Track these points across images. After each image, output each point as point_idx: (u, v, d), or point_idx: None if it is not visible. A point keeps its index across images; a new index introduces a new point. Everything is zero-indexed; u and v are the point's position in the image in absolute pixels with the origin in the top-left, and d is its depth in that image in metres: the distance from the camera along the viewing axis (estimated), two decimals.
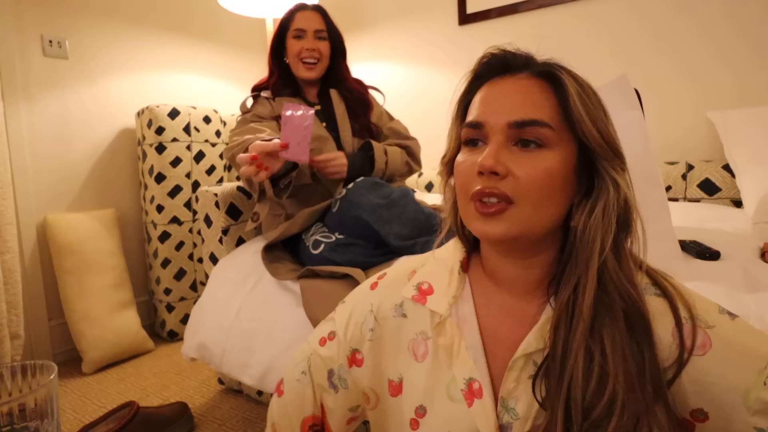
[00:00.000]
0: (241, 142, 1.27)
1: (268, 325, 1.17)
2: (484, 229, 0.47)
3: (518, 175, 0.46)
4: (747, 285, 0.81)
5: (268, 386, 1.15)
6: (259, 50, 2.70)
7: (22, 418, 0.60)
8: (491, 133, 0.48)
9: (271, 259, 1.25)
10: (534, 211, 0.46)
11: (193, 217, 2.03)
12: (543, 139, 0.46)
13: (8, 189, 1.60)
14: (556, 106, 0.48)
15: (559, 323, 0.46)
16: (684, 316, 0.45)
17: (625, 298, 0.45)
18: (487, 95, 0.50)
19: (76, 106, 1.89)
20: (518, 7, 2.06)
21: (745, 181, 1.38)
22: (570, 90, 0.47)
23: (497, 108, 0.48)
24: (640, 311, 0.45)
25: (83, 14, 1.90)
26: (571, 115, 0.47)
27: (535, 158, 0.46)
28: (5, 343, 1.54)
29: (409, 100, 2.36)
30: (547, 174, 0.46)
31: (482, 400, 0.50)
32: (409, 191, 1.21)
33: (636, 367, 0.43)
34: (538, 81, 0.49)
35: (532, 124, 0.46)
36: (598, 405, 0.42)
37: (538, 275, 0.51)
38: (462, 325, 0.54)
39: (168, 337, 2.01)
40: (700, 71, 1.74)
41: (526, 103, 0.47)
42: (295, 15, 1.36)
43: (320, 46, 1.36)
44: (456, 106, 0.55)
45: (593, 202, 0.47)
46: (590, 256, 0.46)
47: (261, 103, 1.41)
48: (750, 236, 1.11)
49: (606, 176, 0.47)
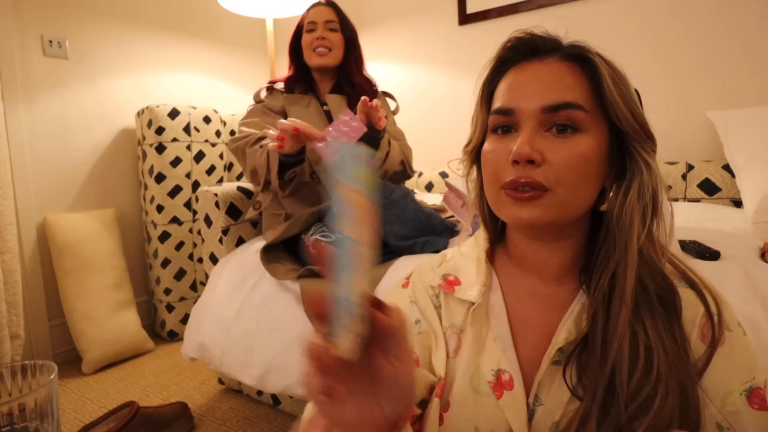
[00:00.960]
0: (246, 135, 1.30)
1: (268, 324, 1.17)
2: (518, 213, 0.46)
3: (553, 162, 0.45)
4: (747, 285, 0.81)
5: (268, 386, 1.15)
6: (259, 50, 2.70)
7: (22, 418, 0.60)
8: (523, 119, 0.46)
9: (270, 259, 1.25)
10: (569, 196, 0.46)
11: (193, 217, 2.03)
12: (577, 123, 0.45)
13: (8, 189, 1.60)
14: (588, 88, 0.47)
15: (597, 310, 0.45)
16: (713, 311, 0.46)
17: (659, 280, 0.45)
18: (515, 80, 0.49)
19: (76, 106, 1.89)
20: (518, 7, 2.06)
21: (745, 181, 1.38)
22: (603, 72, 0.46)
23: (528, 93, 0.47)
24: (673, 294, 0.45)
25: (83, 14, 1.90)
26: (605, 98, 0.46)
27: (569, 143, 0.45)
28: (5, 343, 1.54)
29: (408, 100, 2.35)
30: (582, 159, 0.45)
31: (513, 391, 0.48)
32: (409, 191, 1.21)
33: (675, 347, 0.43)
34: (568, 63, 0.48)
35: (566, 107, 0.45)
36: (646, 385, 0.42)
37: (567, 259, 0.51)
38: (490, 315, 0.52)
39: (168, 337, 2.01)
40: (700, 71, 1.74)
41: (558, 86, 0.46)
42: (309, 11, 1.42)
43: (330, 36, 1.39)
44: (480, 92, 0.53)
45: (627, 184, 0.47)
46: (628, 239, 0.45)
47: (274, 95, 1.44)
48: (750, 236, 1.11)
49: (639, 158, 0.47)
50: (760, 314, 0.76)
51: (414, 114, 2.29)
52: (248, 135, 1.32)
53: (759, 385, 0.44)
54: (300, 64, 1.46)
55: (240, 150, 1.31)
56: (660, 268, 0.46)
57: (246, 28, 2.59)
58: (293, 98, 1.42)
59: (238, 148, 1.32)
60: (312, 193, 1.36)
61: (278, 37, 2.74)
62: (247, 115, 1.42)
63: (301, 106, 1.40)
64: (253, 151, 1.27)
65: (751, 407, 0.43)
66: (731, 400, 0.44)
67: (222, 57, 2.48)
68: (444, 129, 2.29)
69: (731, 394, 0.44)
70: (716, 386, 0.44)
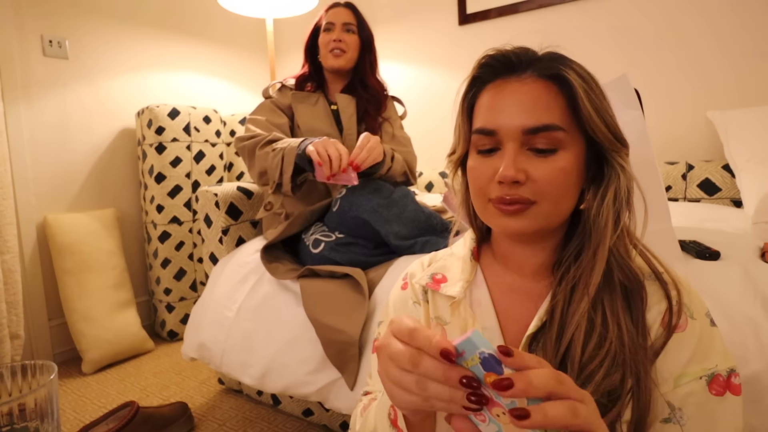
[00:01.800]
0: (254, 135, 1.31)
1: (268, 324, 1.17)
2: (506, 225, 0.50)
3: (537, 179, 0.48)
4: (747, 285, 0.81)
5: (268, 386, 1.15)
6: (259, 50, 2.70)
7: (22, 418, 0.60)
8: (505, 140, 0.49)
9: (270, 259, 1.25)
10: (553, 208, 0.49)
11: (193, 217, 2.03)
12: (556, 142, 0.48)
13: (8, 189, 1.60)
14: (564, 105, 0.49)
15: (559, 297, 0.50)
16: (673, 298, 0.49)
17: (626, 273, 0.49)
18: (495, 100, 0.50)
19: (76, 106, 1.89)
20: (518, 7, 2.06)
21: (745, 181, 1.38)
22: (578, 90, 0.48)
23: (508, 114, 0.49)
24: (638, 286, 0.49)
25: (83, 14, 1.90)
26: (581, 114, 0.48)
27: (550, 161, 0.48)
28: (5, 343, 1.54)
29: (408, 100, 2.34)
30: (563, 174, 0.48)
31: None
32: (409, 191, 1.21)
33: (628, 333, 0.46)
34: (544, 82, 0.49)
35: (546, 129, 0.48)
36: (595, 357, 0.46)
37: (546, 257, 0.54)
38: (476, 308, 0.56)
39: (168, 337, 2.01)
40: (700, 71, 1.74)
41: (537, 108, 0.48)
42: (329, 11, 1.42)
43: (347, 38, 1.39)
44: (461, 107, 0.55)
45: (605, 188, 0.50)
46: (602, 238, 0.49)
47: (283, 92, 1.44)
48: (750, 236, 1.11)
49: (614, 164, 0.50)
50: (760, 314, 0.76)
51: (414, 114, 2.28)
52: (255, 135, 1.31)
53: (720, 372, 0.47)
54: (314, 63, 1.46)
55: (248, 149, 1.31)
56: (628, 262, 0.50)
57: (246, 28, 2.59)
58: (301, 96, 1.42)
59: (245, 148, 1.31)
60: (311, 191, 1.36)
61: (278, 37, 2.74)
62: (255, 111, 1.42)
63: (309, 104, 1.41)
64: (265, 153, 1.27)
65: (710, 392, 0.46)
66: (683, 383, 0.46)
67: (222, 57, 2.48)
68: (444, 129, 2.29)
69: (684, 376, 0.47)
70: (670, 368, 0.47)
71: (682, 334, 0.48)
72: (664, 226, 0.85)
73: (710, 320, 0.50)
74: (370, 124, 1.42)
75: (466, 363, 0.35)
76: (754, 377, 0.72)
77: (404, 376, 0.36)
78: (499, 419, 0.35)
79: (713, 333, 0.49)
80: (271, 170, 1.24)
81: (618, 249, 0.50)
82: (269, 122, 1.37)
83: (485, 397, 0.35)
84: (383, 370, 0.38)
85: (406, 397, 0.37)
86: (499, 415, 0.35)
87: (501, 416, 0.35)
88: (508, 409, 0.34)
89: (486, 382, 0.35)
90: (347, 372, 1.01)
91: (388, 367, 0.38)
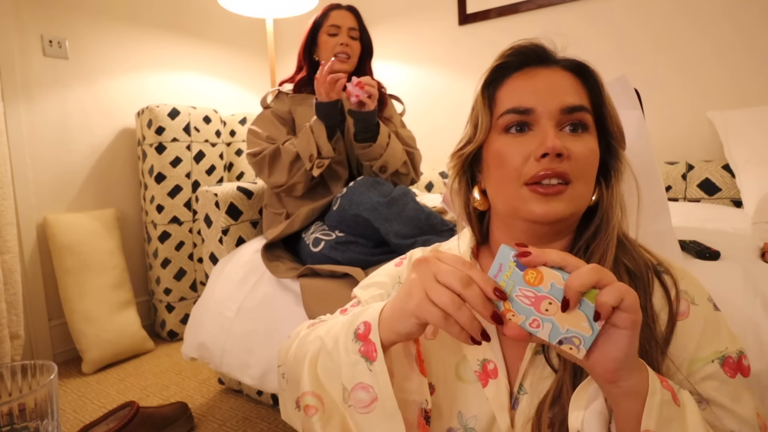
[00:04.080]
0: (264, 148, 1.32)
1: (268, 324, 1.17)
2: (545, 209, 0.49)
3: (575, 156, 0.49)
4: (747, 285, 0.81)
5: (268, 386, 1.15)
6: (259, 50, 2.70)
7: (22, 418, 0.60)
8: (542, 119, 0.50)
9: (271, 257, 1.25)
10: (585, 189, 0.51)
11: (193, 217, 2.03)
12: (587, 124, 0.51)
13: (8, 189, 1.60)
14: (587, 97, 0.53)
15: None
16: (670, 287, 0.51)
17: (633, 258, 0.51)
18: (529, 83, 0.52)
19: (76, 106, 1.89)
20: (518, 7, 2.06)
21: (745, 181, 1.38)
22: (601, 84, 0.53)
23: (546, 94, 0.51)
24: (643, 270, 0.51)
25: (83, 14, 1.90)
26: (603, 106, 0.53)
27: (583, 140, 0.51)
28: (5, 343, 1.54)
29: (408, 100, 2.34)
30: (593, 154, 0.51)
31: (497, 380, 0.51)
32: (409, 190, 1.21)
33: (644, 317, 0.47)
34: (570, 74, 0.53)
35: (581, 110, 0.51)
36: None
37: None
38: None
39: (168, 337, 2.01)
40: (699, 71, 1.74)
41: (571, 91, 0.51)
42: (330, 13, 1.40)
43: (352, 44, 1.40)
44: (481, 96, 0.55)
45: (616, 180, 0.53)
46: (614, 227, 0.52)
47: (280, 99, 1.43)
48: (750, 236, 1.11)
49: (622, 158, 0.54)
50: (761, 314, 0.76)
51: (414, 114, 2.28)
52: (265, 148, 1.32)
53: (730, 354, 0.48)
54: (313, 65, 1.44)
55: (267, 156, 1.31)
56: (634, 248, 0.52)
57: (246, 28, 2.59)
58: (299, 99, 1.41)
59: (264, 157, 1.31)
60: (312, 189, 1.36)
61: (278, 37, 2.74)
62: (255, 122, 1.41)
63: (308, 105, 1.40)
64: (289, 143, 1.29)
65: (726, 375, 0.47)
66: (696, 368, 0.48)
67: (222, 57, 2.48)
68: (444, 129, 2.29)
69: (696, 362, 0.48)
70: (681, 355, 0.48)
71: (686, 320, 0.49)
72: (664, 226, 0.85)
73: (713, 305, 0.51)
74: None
75: (506, 275, 0.40)
76: (754, 377, 0.72)
77: (442, 291, 0.40)
78: (548, 313, 0.39)
79: (718, 317, 0.50)
80: (303, 149, 1.26)
81: (624, 235, 0.53)
82: (269, 138, 1.36)
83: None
84: (422, 279, 0.42)
85: (431, 309, 0.41)
86: (548, 309, 0.39)
87: (549, 307, 0.39)
88: (553, 295, 0.39)
89: (525, 280, 0.40)
90: None
91: (429, 279, 0.41)
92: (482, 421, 0.51)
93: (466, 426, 0.52)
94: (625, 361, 0.39)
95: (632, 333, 0.38)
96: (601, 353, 0.39)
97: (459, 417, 0.52)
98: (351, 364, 0.45)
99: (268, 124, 1.39)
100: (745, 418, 0.46)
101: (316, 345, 0.51)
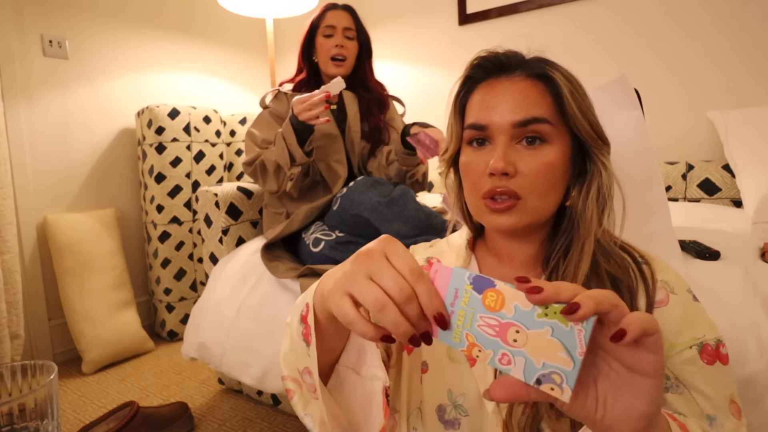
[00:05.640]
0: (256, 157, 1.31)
1: (268, 324, 1.17)
2: (497, 221, 0.52)
3: (526, 173, 0.50)
4: (747, 285, 0.81)
5: (268, 386, 1.15)
6: (259, 50, 2.70)
7: (22, 418, 0.60)
8: (496, 134, 0.52)
9: (271, 258, 1.25)
10: (540, 202, 0.51)
11: (193, 217, 2.03)
12: (544, 135, 0.51)
13: (8, 189, 1.60)
14: (551, 102, 0.52)
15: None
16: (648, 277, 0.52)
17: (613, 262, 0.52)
18: (486, 97, 0.53)
19: (76, 106, 1.89)
20: (518, 7, 2.06)
21: (745, 181, 1.38)
22: (563, 89, 0.51)
23: (499, 109, 0.51)
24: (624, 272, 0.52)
25: (83, 14, 1.90)
26: (566, 111, 0.51)
27: (538, 154, 0.51)
28: (5, 343, 1.54)
29: (408, 100, 2.34)
30: (550, 168, 0.51)
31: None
32: (409, 190, 1.21)
33: None
34: (532, 81, 0.53)
35: (534, 122, 0.50)
36: None
37: (535, 250, 0.57)
38: None
39: (168, 337, 2.01)
40: (699, 71, 1.74)
41: (526, 103, 0.51)
42: (326, 14, 1.39)
43: (348, 45, 1.38)
44: (453, 106, 0.58)
45: (588, 184, 0.53)
46: (589, 231, 0.52)
47: (279, 99, 1.43)
48: (750, 236, 1.11)
49: (597, 161, 0.53)
50: (760, 314, 0.76)
51: (414, 114, 2.28)
52: (257, 156, 1.32)
53: (708, 342, 0.49)
54: (311, 65, 1.43)
55: (257, 167, 1.31)
56: (615, 250, 0.53)
57: (246, 28, 2.59)
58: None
59: (256, 168, 1.32)
60: (312, 189, 1.36)
61: (278, 37, 2.74)
62: (254, 124, 1.41)
63: None
64: (269, 152, 1.28)
65: (702, 361, 0.49)
66: (674, 353, 0.49)
67: (222, 57, 2.48)
68: (443, 129, 2.28)
69: (674, 347, 0.49)
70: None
71: (665, 308, 0.50)
72: (663, 226, 0.85)
73: (693, 296, 0.53)
74: (373, 124, 1.42)
75: (463, 302, 0.34)
76: (754, 377, 0.72)
77: (375, 293, 0.35)
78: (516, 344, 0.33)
79: (697, 306, 0.52)
80: (279, 156, 1.25)
81: (605, 240, 0.53)
82: (265, 141, 1.35)
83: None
84: (355, 273, 0.36)
85: (350, 311, 0.36)
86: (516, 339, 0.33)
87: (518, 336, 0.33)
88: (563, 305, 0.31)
89: (485, 305, 0.34)
90: None
91: (361, 278, 0.36)
92: (470, 398, 0.54)
93: (455, 402, 0.55)
94: (656, 416, 0.34)
95: (661, 381, 0.33)
96: (626, 410, 0.33)
97: (449, 394, 0.55)
98: (299, 347, 0.46)
99: (265, 125, 1.39)
100: (719, 404, 0.47)
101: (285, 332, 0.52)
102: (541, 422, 0.48)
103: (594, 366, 0.35)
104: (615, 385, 0.34)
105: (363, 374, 0.47)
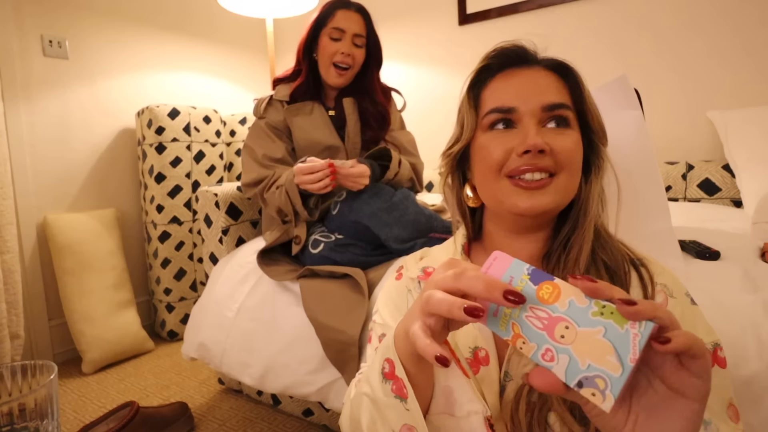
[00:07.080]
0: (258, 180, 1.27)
1: (268, 324, 1.17)
2: (530, 203, 0.51)
3: (558, 151, 0.51)
4: (747, 285, 0.81)
5: (268, 386, 1.15)
6: (259, 50, 2.70)
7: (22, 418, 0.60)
8: (525, 117, 0.52)
9: (268, 262, 1.24)
10: (570, 180, 0.53)
11: (193, 217, 2.03)
12: (569, 120, 0.53)
13: (8, 189, 1.60)
14: (568, 95, 0.55)
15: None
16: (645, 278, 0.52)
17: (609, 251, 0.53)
18: (508, 83, 0.55)
19: (76, 106, 1.89)
20: (518, 7, 2.06)
21: (745, 181, 1.38)
22: (581, 82, 0.55)
23: (527, 93, 0.53)
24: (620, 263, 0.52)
25: (83, 14, 1.90)
26: (584, 103, 0.54)
27: (566, 135, 0.53)
28: (5, 343, 1.54)
29: (408, 100, 2.34)
30: (576, 148, 0.53)
31: (488, 367, 0.52)
32: (410, 193, 1.20)
33: None
34: (551, 73, 0.55)
35: (561, 107, 0.53)
36: None
37: (537, 249, 0.57)
38: None
39: (168, 337, 2.01)
40: (699, 71, 1.74)
41: (552, 89, 0.53)
42: (336, 12, 1.26)
43: (356, 53, 1.28)
44: (467, 96, 0.58)
45: (596, 176, 0.55)
46: (591, 221, 0.53)
47: (274, 107, 1.34)
48: (750, 236, 1.11)
49: (603, 154, 0.56)
50: (760, 314, 0.76)
51: (414, 114, 2.28)
52: (260, 180, 1.27)
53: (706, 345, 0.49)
54: (311, 64, 1.33)
55: (259, 197, 1.29)
56: (611, 242, 0.54)
57: (246, 28, 2.59)
58: (294, 108, 1.32)
59: (255, 196, 1.30)
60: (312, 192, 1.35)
61: (278, 37, 2.74)
62: (250, 136, 1.34)
63: (304, 114, 1.33)
64: (271, 194, 1.24)
65: None
66: None
67: (222, 57, 2.48)
68: (444, 129, 2.27)
69: None
70: None
71: None
72: (663, 226, 0.85)
73: (690, 299, 0.53)
74: (369, 137, 1.35)
75: (517, 288, 0.34)
76: (754, 377, 0.72)
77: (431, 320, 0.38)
78: (563, 341, 0.32)
79: (695, 310, 0.52)
80: (283, 205, 1.21)
81: (603, 229, 0.55)
82: (266, 157, 1.28)
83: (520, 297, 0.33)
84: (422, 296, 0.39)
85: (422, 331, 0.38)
86: (564, 335, 0.32)
87: (566, 332, 0.32)
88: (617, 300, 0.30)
89: (538, 296, 0.33)
90: (347, 372, 1.01)
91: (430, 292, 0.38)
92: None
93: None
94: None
95: (702, 408, 0.32)
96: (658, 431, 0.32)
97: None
98: (391, 407, 0.44)
99: (263, 138, 1.32)
100: (716, 408, 0.47)
101: (363, 402, 0.50)
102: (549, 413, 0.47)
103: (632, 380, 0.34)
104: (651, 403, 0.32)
105: (457, 414, 0.46)
